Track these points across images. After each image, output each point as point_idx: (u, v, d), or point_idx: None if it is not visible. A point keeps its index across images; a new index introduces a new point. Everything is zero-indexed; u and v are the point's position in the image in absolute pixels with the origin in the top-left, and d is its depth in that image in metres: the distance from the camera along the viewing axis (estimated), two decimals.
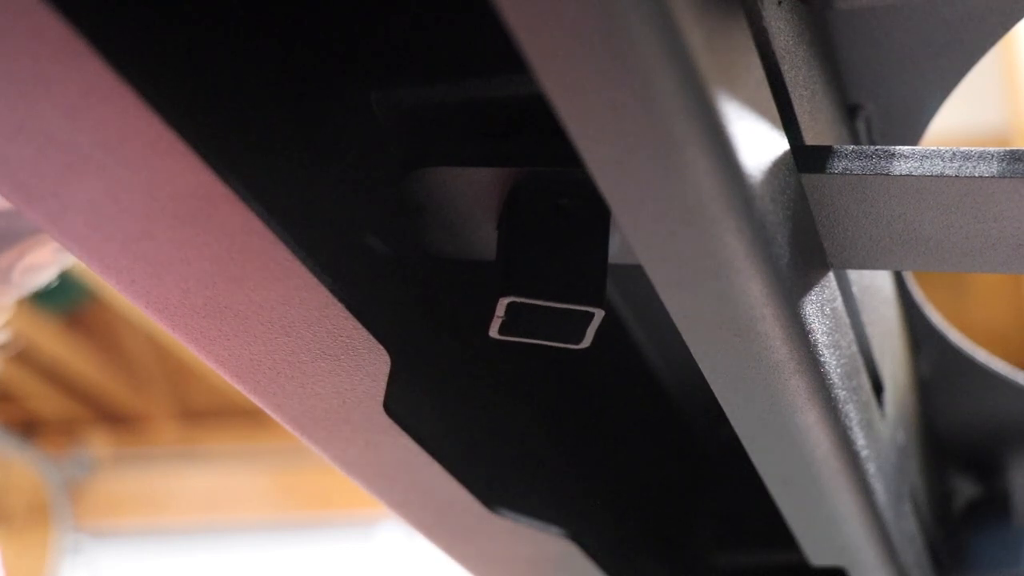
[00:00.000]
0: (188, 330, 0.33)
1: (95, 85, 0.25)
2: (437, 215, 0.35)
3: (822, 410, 0.37)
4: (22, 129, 0.26)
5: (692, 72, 0.23)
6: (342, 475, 0.43)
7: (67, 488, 3.11)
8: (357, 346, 0.34)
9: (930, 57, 0.43)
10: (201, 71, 0.28)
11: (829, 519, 0.45)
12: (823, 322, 0.35)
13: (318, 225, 0.32)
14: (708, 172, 0.25)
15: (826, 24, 0.41)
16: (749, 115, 0.28)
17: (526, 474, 0.48)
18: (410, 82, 0.34)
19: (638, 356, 0.53)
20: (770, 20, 0.32)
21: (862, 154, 0.33)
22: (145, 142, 0.26)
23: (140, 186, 0.28)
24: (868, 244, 0.34)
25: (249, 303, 0.32)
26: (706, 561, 0.60)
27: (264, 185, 0.29)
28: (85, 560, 3.06)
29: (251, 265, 0.31)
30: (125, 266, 0.31)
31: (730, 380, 0.35)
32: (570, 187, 0.33)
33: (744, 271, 0.29)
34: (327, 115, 0.33)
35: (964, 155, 0.32)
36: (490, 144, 0.34)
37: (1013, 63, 1.94)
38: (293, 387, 0.36)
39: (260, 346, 0.34)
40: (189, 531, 3.04)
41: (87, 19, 0.24)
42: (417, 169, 0.34)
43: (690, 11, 0.23)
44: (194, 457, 3.09)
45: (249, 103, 0.30)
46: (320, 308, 0.33)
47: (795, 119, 0.34)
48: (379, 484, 0.43)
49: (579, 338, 0.34)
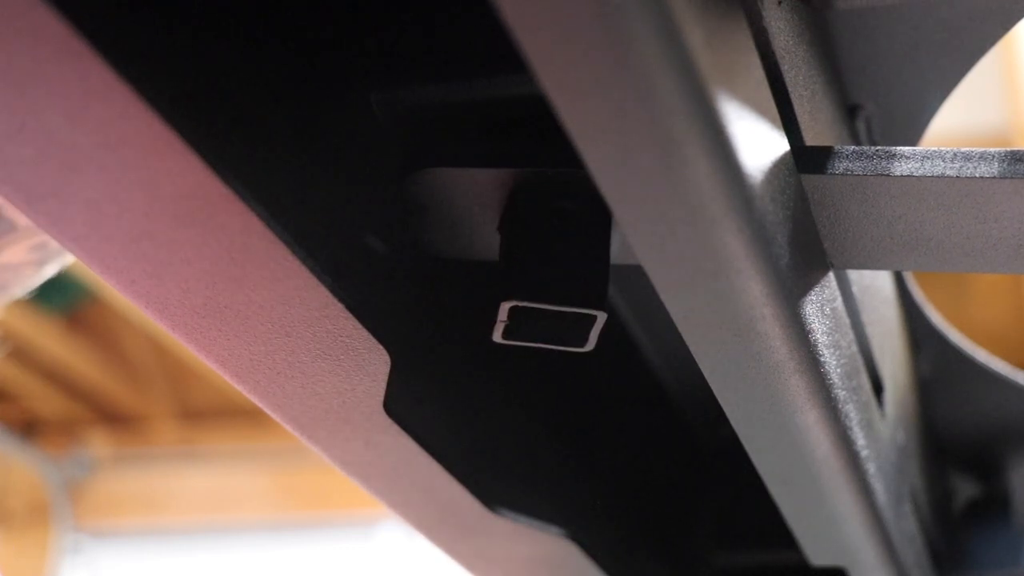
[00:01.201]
0: (188, 330, 0.33)
1: (95, 85, 0.25)
2: (438, 216, 0.35)
3: (822, 410, 0.37)
4: (22, 129, 0.26)
5: (692, 72, 0.23)
6: (342, 475, 0.43)
7: (67, 488, 3.11)
8: (357, 346, 0.34)
9: (930, 57, 0.43)
10: (201, 71, 0.28)
11: (829, 519, 0.45)
12: (823, 322, 0.35)
13: (318, 225, 0.32)
14: (708, 172, 0.25)
15: (826, 24, 0.41)
16: (749, 115, 0.28)
17: (526, 474, 0.48)
18: (410, 83, 0.34)
19: (638, 356, 0.53)
20: (770, 20, 0.32)
21: (863, 155, 0.33)
22: (145, 142, 0.26)
23: (140, 186, 0.28)
24: (869, 244, 0.34)
25: (249, 303, 0.32)
26: (706, 561, 0.60)
27: (264, 185, 0.29)
28: (85, 560, 3.06)
29: (251, 265, 0.31)
30: (125, 266, 0.31)
31: (730, 380, 0.35)
32: (571, 188, 0.33)
33: (744, 271, 0.29)
34: (327, 115, 0.33)
35: (965, 156, 0.32)
36: (491, 145, 0.34)
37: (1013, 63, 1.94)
38: (293, 387, 0.36)
39: (260, 346, 0.34)
40: (189, 531, 3.04)
41: (87, 19, 0.24)
42: (418, 170, 0.34)
43: (690, 11, 0.23)
44: (194, 457, 3.09)
45: (249, 103, 0.30)
46: (320, 308, 0.33)
47: (795, 119, 0.34)
48: (379, 484, 0.43)
49: (582, 341, 0.34)
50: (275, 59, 0.31)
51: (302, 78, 0.32)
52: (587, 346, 0.34)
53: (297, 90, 0.32)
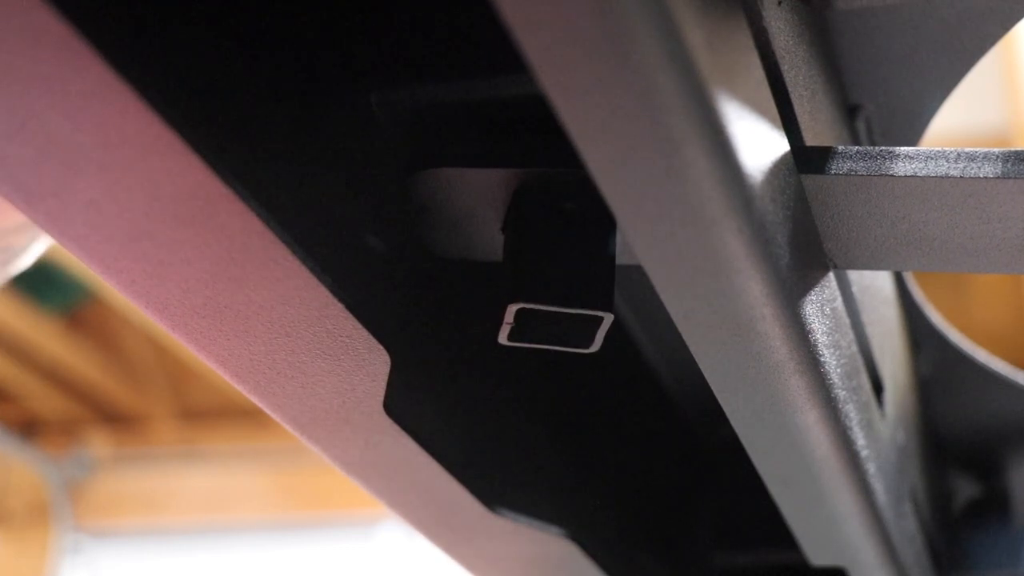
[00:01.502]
0: (188, 330, 0.33)
1: (95, 85, 0.25)
2: (440, 216, 0.35)
3: (822, 410, 0.37)
4: (22, 129, 0.26)
5: (692, 72, 0.23)
6: (342, 475, 0.43)
7: (67, 488, 3.11)
8: (357, 346, 0.34)
9: (930, 57, 0.43)
10: (201, 71, 0.28)
11: (829, 519, 0.45)
12: (823, 322, 0.35)
13: (318, 225, 0.32)
14: (708, 172, 0.25)
15: (826, 24, 0.41)
16: (749, 115, 0.28)
17: (526, 474, 0.48)
18: (410, 82, 0.34)
19: (638, 356, 0.53)
20: (770, 20, 0.32)
21: (864, 155, 0.33)
22: (145, 142, 0.26)
23: (140, 186, 0.28)
24: (870, 245, 0.34)
25: (249, 303, 0.32)
26: (706, 561, 0.60)
27: (264, 185, 0.29)
28: (85, 560, 3.06)
29: (251, 265, 0.31)
30: (125, 266, 0.31)
31: (730, 380, 0.35)
32: (575, 188, 0.33)
33: (744, 271, 0.29)
34: (327, 115, 0.33)
35: (969, 156, 0.32)
36: (494, 145, 0.34)
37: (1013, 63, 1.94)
38: (293, 387, 0.36)
39: (260, 346, 0.34)
40: (189, 531, 3.04)
41: (87, 19, 0.24)
42: (420, 170, 0.34)
43: (690, 11, 0.23)
44: (194, 457, 3.09)
45: (249, 103, 0.30)
46: (320, 308, 0.33)
47: (795, 119, 0.34)
48: (379, 484, 0.43)
49: (588, 343, 0.34)
50: (275, 59, 0.31)
51: (302, 78, 0.32)
52: (592, 347, 0.34)
53: (297, 90, 0.32)
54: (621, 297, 0.50)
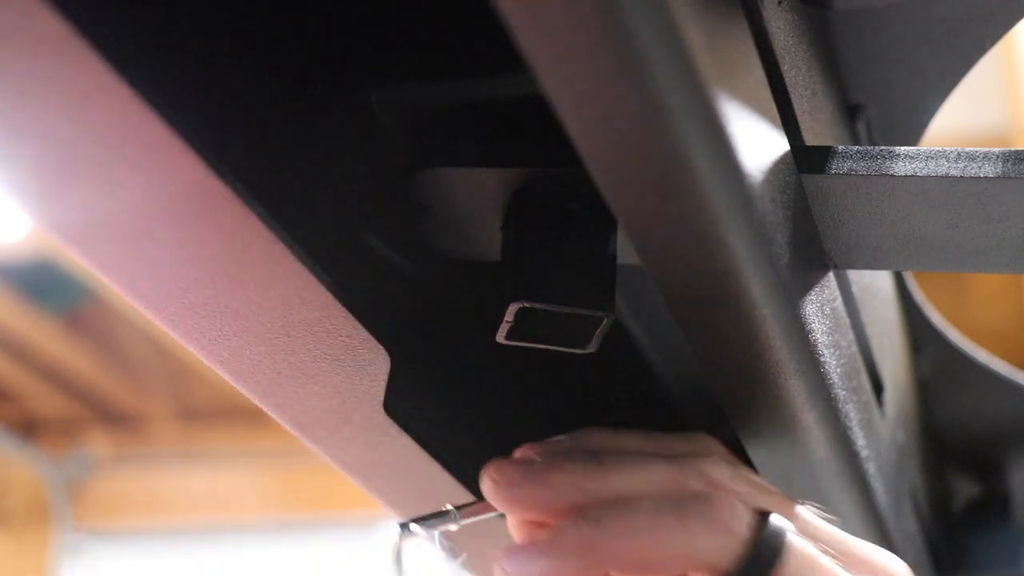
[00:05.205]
0: (188, 330, 0.33)
1: (95, 85, 0.25)
2: (440, 215, 0.35)
3: (822, 410, 0.37)
4: (22, 129, 0.26)
5: (692, 72, 0.23)
6: (342, 475, 0.43)
7: (67, 488, 3.11)
8: (357, 346, 0.34)
9: (930, 57, 0.43)
10: (201, 71, 0.28)
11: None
12: (823, 322, 0.35)
13: (318, 225, 0.32)
14: (708, 172, 0.25)
15: (826, 24, 0.41)
16: (749, 115, 0.28)
17: None
18: (410, 82, 0.34)
19: (638, 355, 0.53)
20: (770, 20, 0.32)
21: (865, 154, 0.33)
22: (145, 142, 0.26)
23: (140, 186, 0.28)
24: (871, 245, 0.34)
25: (249, 303, 0.32)
26: None
27: (264, 185, 0.29)
28: (85, 560, 3.06)
29: (251, 265, 0.31)
30: (125, 266, 0.31)
31: (730, 380, 0.35)
32: (576, 188, 0.33)
33: (744, 271, 0.29)
34: (328, 115, 0.33)
35: (969, 155, 0.32)
36: (494, 144, 0.34)
37: (1013, 63, 1.94)
38: (293, 387, 0.36)
39: (260, 346, 0.34)
40: (189, 531, 3.04)
41: (87, 19, 0.24)
42: (421, 170, 0.34)
43: (690, 11, 0.23)
44: (194, 457, 3.09)
45: (249, 103, 0.30)
46: (320, 308, 0.33)
47: (795, 119, 0.34)
48: (379, 484, 0.43)
49: (587, 343, 0.34)
50: (275, 59, 0.31)
51: (302, 78, 0.32)
52: (590, 347, 0.34)
53: (297, 90, 0.32)
54: (621, 297, 0.50)
